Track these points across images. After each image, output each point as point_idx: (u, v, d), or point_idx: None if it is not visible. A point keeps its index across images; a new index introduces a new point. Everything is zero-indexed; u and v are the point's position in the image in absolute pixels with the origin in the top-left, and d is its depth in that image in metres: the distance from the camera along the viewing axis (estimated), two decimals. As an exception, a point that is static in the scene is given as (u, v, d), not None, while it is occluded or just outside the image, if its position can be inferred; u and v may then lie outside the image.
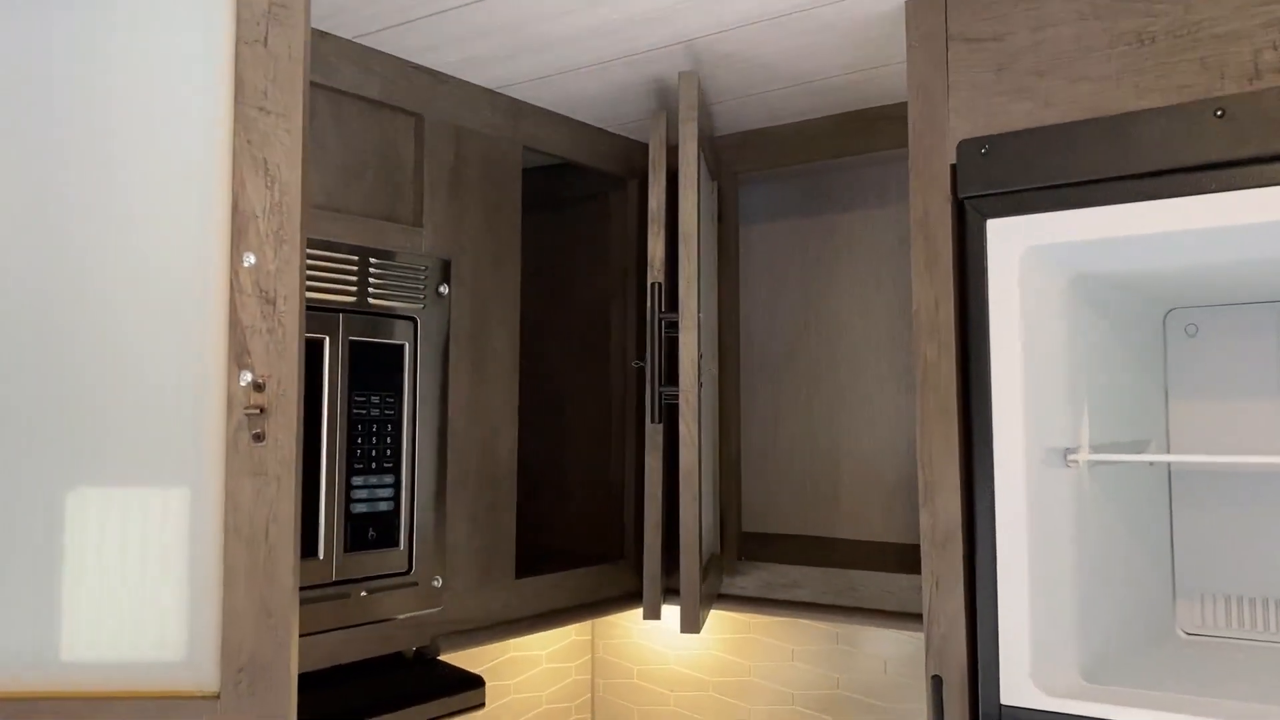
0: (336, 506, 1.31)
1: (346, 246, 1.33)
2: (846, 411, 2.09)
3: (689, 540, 1.34)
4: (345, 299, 1.33)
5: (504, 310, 1.56)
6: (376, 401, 1.37)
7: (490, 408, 1.53)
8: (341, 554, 1.32)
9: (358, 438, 1.34)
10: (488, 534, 1.52)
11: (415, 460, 1.41)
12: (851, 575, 1.65)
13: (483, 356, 1.52)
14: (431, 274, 1.44)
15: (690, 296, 1.34)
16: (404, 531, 1.40)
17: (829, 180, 2.13)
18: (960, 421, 1.20)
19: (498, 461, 1.55)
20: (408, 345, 1.41)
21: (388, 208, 1.41)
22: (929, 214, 1.22)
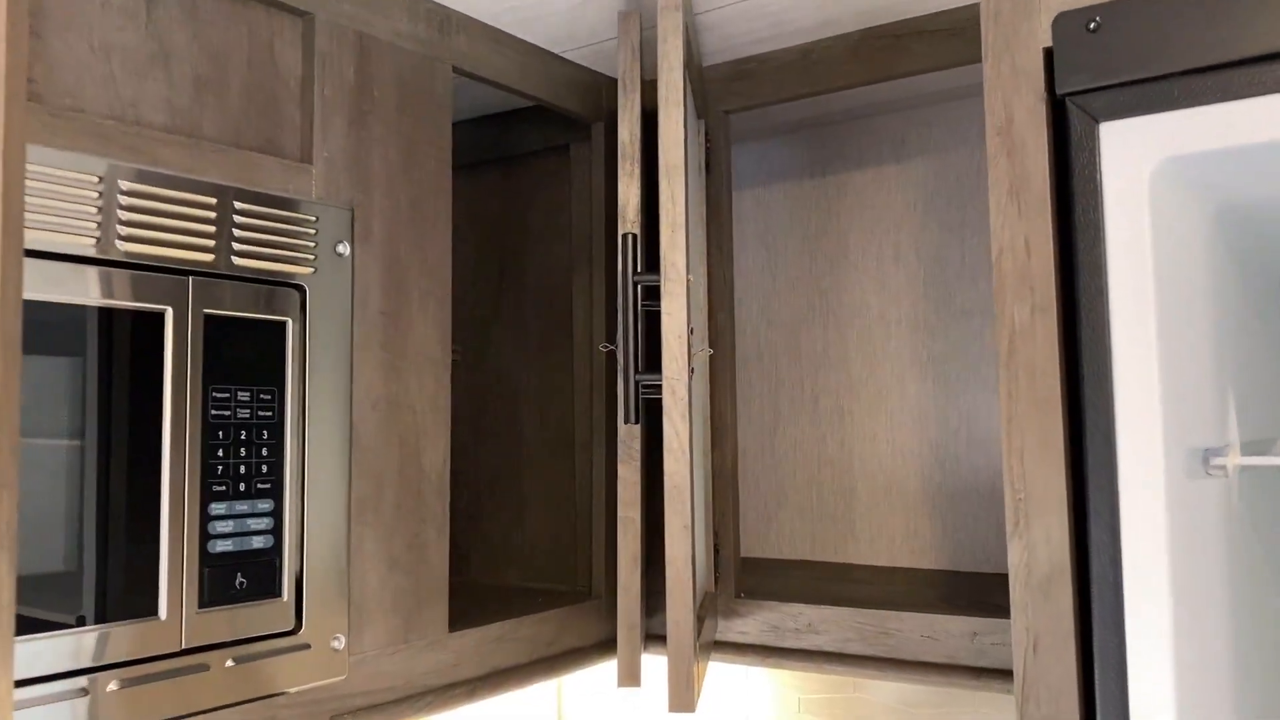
0: (186, 546, 0.94)
1: (199, 184, 0.96)
2: (860, 409, 1.73)
3: (677, 581, 0.97)
4: (198, 257, 0.96)
5: (430, 280, 1.19)
6: (246, 399, 1.00)
7: (413, 407, 1.16)
8: (194, 611, 0.94)
9: (218, 449, 0.97)
10: (410, 574, 1.15)
11: (305, 478, 1.04)
12: (882, 616, 1.28)
13: (401, 339, 1.15)
14: (326, 227, 1.07)
15: (676, 249, 0.98)
16: (288, 576, 1.02)
17: (834, 133, 1.77)
18: (1066, 414, 0.84)
19: (423, 477, 1.17)
20: (292, 323, 1.04)
21: (262, 135, 1.04)
22: (1013, 121, 0.86)
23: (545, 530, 1.57)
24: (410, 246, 1.17)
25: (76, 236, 0.87)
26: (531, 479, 1.59)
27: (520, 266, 1.62)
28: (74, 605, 0.86)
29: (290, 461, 1.03)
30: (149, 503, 0.92)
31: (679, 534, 0.96)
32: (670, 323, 0.97)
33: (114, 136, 0.90)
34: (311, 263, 1.06)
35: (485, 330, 1.65)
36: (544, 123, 1.58)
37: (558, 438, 1.56)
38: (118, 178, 0.90)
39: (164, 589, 0.92)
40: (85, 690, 0.86)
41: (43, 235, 0.85)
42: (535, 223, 1.61)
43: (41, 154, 0.85)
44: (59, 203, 0.86)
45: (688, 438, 0.96)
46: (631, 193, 1.09)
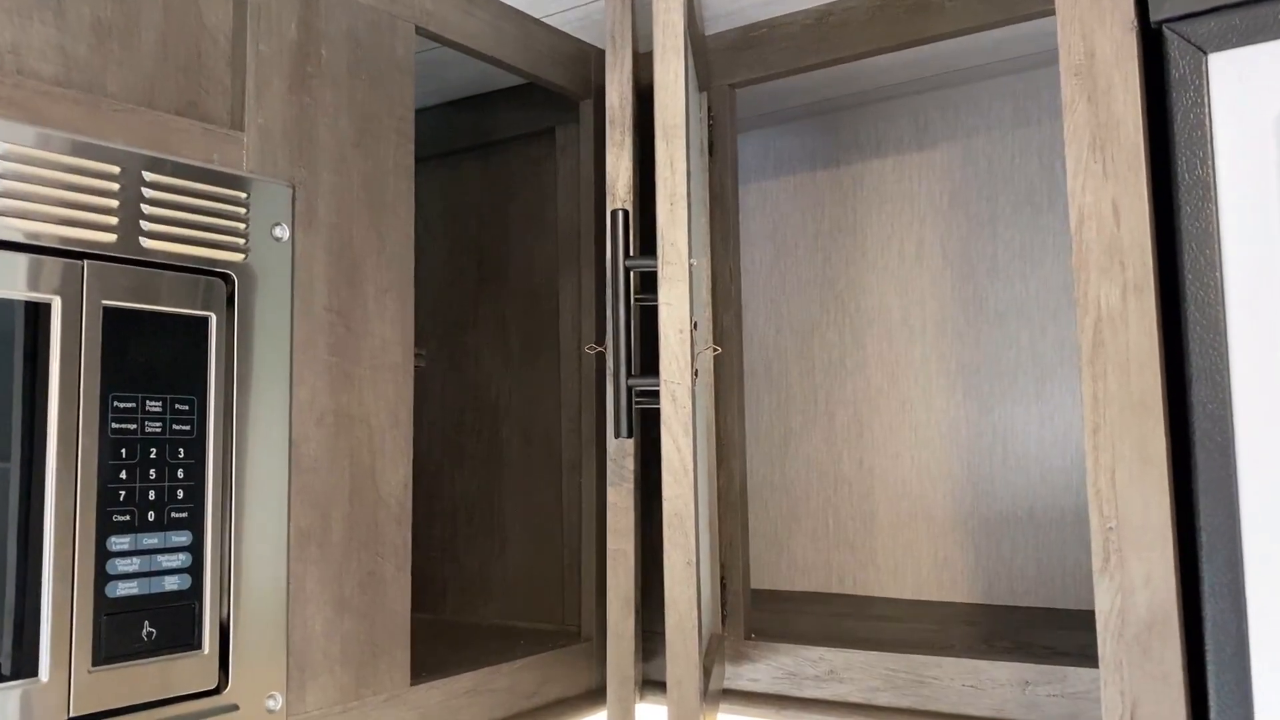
0: (76, 589, 0.76)
1: (98, 149, 0.79)
2: (881, 424, 1.56)
3: (679, 630, 0.79)
4: (96, 237, 0.79)
5: (389, 272, 1.02)
6: (158, 410, 0.82)
7: (367, 421, 0.99)
8: (86, 670, 0.77)
9: (120, 470, 0.79)
10: (363, 617, 0.97)
11: (232, 506, 0.87)
12: (917, 662, 1.11)
13: (354, 341, 0.98)
14: (259, 206, 0.90)
15: (676, 226, 0.81)
16: (211, 622, 0.85)
17: (849, 118, 1.61)
18: (1169, 420, 0.67)
19: (380, 503, 1.00)
20: (216, 319, 0.87)
21: (182, 96, 0.87)
22: (1094, 58, 0.70)
23: (529, 562, 1.39)
24: (364, 232, 1.00)
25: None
26: (514, 503, 1.41)
27: (501, 264, 1.45)
28: (-79, 668, 0.69)
29: (213, 485, 0.85)
30: (28, 536, 0.74)
31: (682, 571, 0.78)
32: (670, 315, 0.80)
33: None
34: (241, 248, 0.89)
35: (461, 334, 1.48)
36: (526, 103, 1.42)
37: (543, 456, 1.39)
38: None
39: (46, 643, 0.75)
40: (-64, 775, 0.69)
41: (-116, 203, 0.68)
42: (517, 215, 1.44)
43: (-116, 102, 0.68)
44: (-93, 164, 0.69)
45: (691, 454, 0.79)
46: (623, 164, 0.92)
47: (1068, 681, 1.03)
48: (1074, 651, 1.10)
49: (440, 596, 1.47)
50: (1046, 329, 1.44)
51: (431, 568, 1.48)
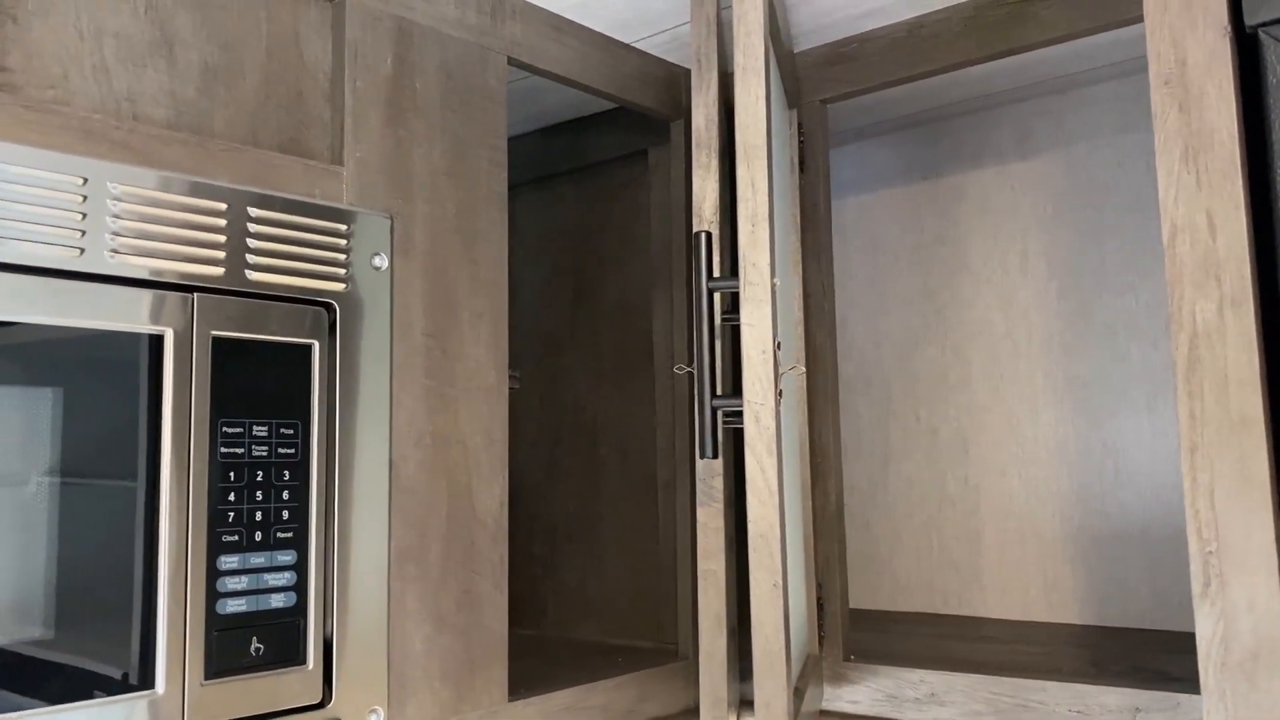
0: (189, 606, 0.80)
1: (206, 188, 0.83)
2: (986, 440, 1.53)
3: (766, 652, 0.79)
4: (205, 271, 0.83)
5: (482, 297, 1.05)
6: (264, 435, 0.86)
7: (464, 442, 1.02)
8: (199, 683, 0.81)
9: (229, 493, 0.83)
10: (462, 634, 1.00)
11: (334, 526, 0.90)
12: (1021, 686, 1.08)
13: (449, 365, 1.01)
14: (360, 237, 0.94)
15: (758, 247, 0.81)
16: (315, 639, 0.88)
17: (947, 128, 1.59)
18: (1272, 438, 0.64)
19: (476, 522, 1.02)
20: (319, 346, 0.90)
21: (284, 133, 0.92)
22: (1186, 65, 0.67)
23: (626, 579, 1.40)
24: (459, 259, 1.03)
25: (55, 247, 0.75)
26: (611, 521, 1.43)
27: (596, 285, 1.47)
28: (49, 680, 0.73)
29: (317, 506, 0.89)
30: (145, 556, 0.79)
31: (768, 593, 0.78)
32: (752, 335, 0.80)
33: (104, 133, 0.79)
34: (342, 278, 0.92)
35: (558, 356, 1.50)
36: (619, 127, 1.44)
37: (639, 475, 1.40)
38: (106, 180, 0.78)
39: (162, 657, 0.79)
40: (63, 780, 0.73)
41: (14, 245, 0.73)
42: (611, 237, 1.46)
43: (13, 152, 0.73)
44: (35, 208, 0.74)
45: (776, 475, 0.79)
46: (709, 186, 0.93)
47: (1180, 709, 0.99)
48: (1188, 677, 1.06)
49: (541, 613, 1.49)
50: (1158, 341, 1.39)
51: (532, 584, 1.51)
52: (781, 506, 0.80)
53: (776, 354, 0.81)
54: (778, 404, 0.80)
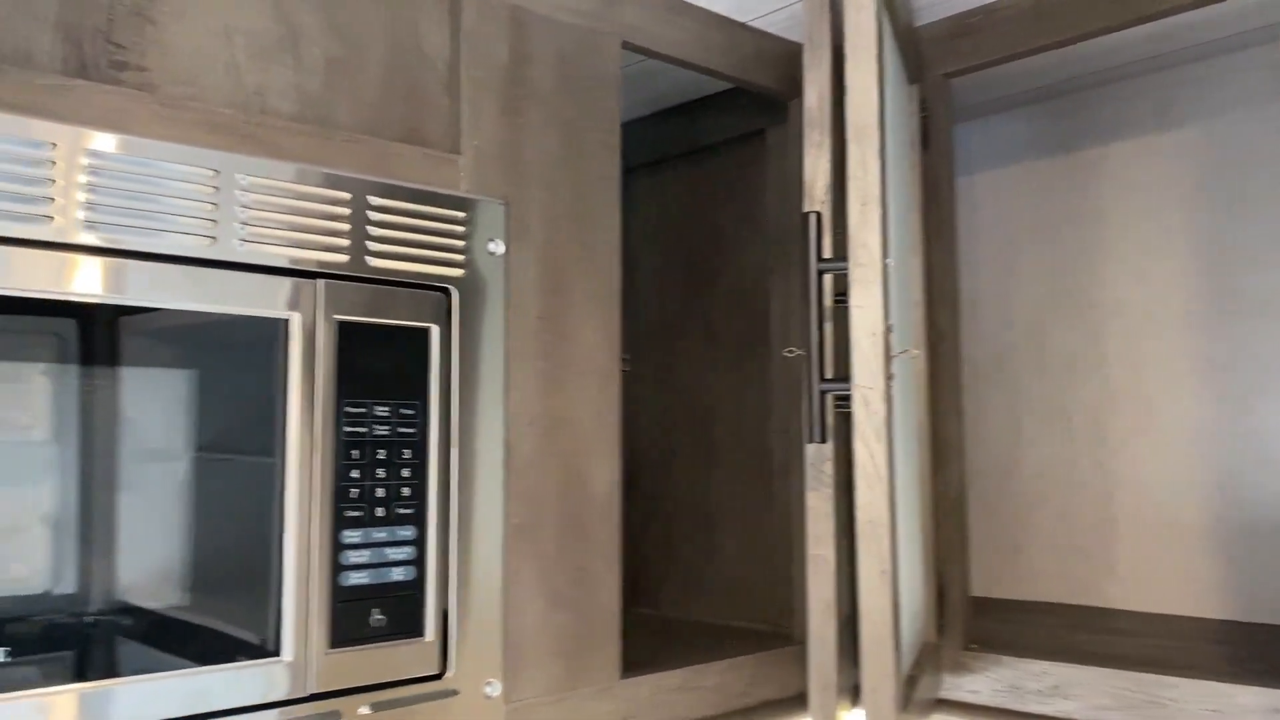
0: (314, 577, 0.84)
1: (330, 178, 0.87)
2: (1122, 425, 1.47)
3: (873, 637, 0.78)
4: (329, 258, 0.86)
5: (595, 281, 1.06)
6: (385, 415, 0.89)
7: (576, 425, 1.03)
8: (323, 651, 0.85)
9: (351, 470, 0.87)
10: (575, 611, 1.02)
11: (450, 502, 0.93)
12: (1150, 681, 1.04)
13: (563, 348, 1.03)
14: (475, 224, 0.96)
15: (868, 228, 0.80)
16: (433, 612, 0.91)
17: (1083, 100, 1.52)
18: None
19: (589, 502, 1.04)
20: (436, 330, 0.93)
21: (403, 123, 0.94)
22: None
23: (742, 562, 1.40)
24: (573, 244, 1.04)
25: (190, 237, 0.79)
26: (726, 504, 1.43)
27: (711, 268, 1.47)
28: (180, 644, 0.78)
29: (435, 484, 0.92)
30: (270, 530, 0.83)
31: (875, 580, 0.77)
32: (862, 318, 0.79)
33: (234, 127, 0.83)
34: (460, 263, 0.95)
35: (673, 339, 1.51)
36: (736, 107, 1.43)
37: (754, 458, 1.39)
38: (235, 171, 0.81)
39: (288, 626, 0.83)
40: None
41: (155, 236, 0.77)
42: (728, 219, 1.45)
43: (151, 148, 0.77)
44: (171, 199, 0.78)
45: (885, 460, 0.77)
46: (820, 166, 0.92)
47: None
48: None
49: (658, 593, 1.51)
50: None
51: (649, 565, 1.52)
52: (891, 493, 0.79)
53: (888, 337, 0.79)
54: (888, 388, 0.79)
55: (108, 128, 0.76)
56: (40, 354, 0.74)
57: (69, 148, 0.74)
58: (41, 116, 0.73)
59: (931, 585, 1.16)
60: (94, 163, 0.75)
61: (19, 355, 0.73)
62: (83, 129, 0.74)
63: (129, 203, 0.76)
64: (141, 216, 0.77)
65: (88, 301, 0.75)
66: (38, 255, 0.73)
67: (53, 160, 0.73)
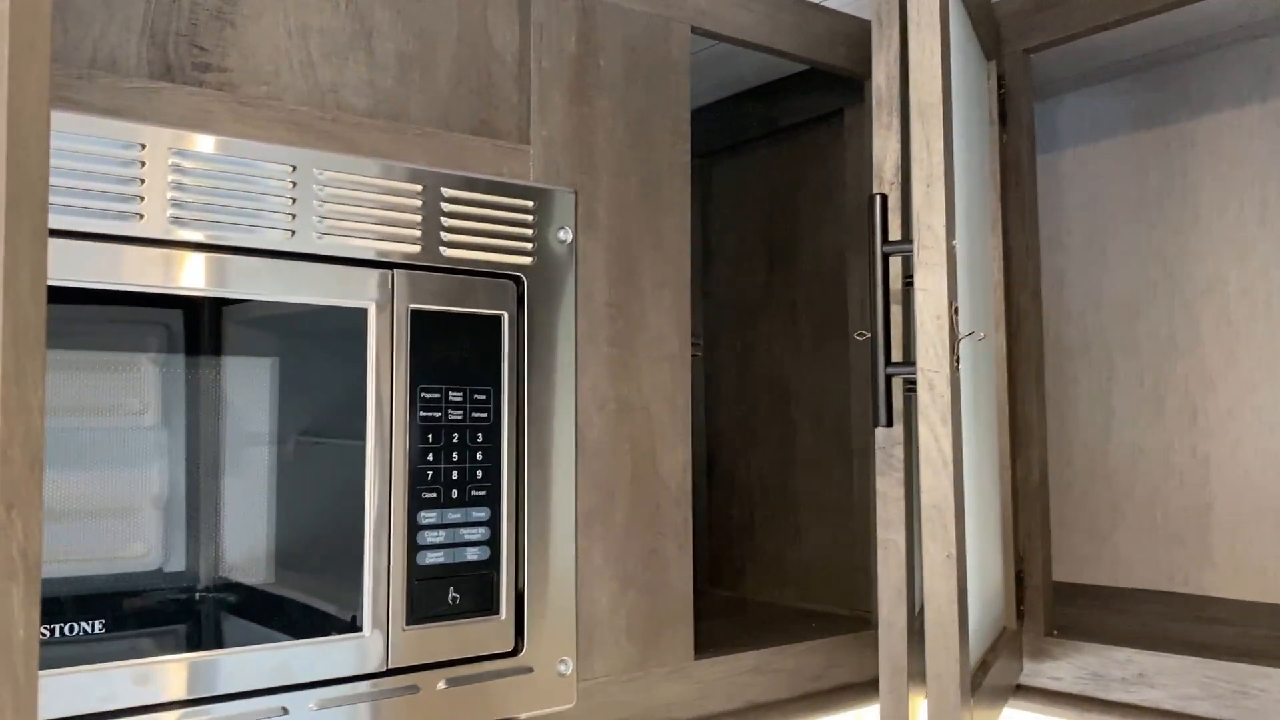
0: (393, 556, 0.88)
1: (403, 171, 0.90)
2: (1218, 408, 1.42)
3: (938, 622, 0.78)
4: (403, 248, 0.89)
5: (665, 267, 1.07)
6: (459, 399, 0.92)
7: (646, 408, 1.05)
8: (402, 628, 0.88)
9: (428, 453, 0.90)
10: (647, 593, 1.03)
11: (525, 486, 0.95)
12: (1241, 671, 1.01)
13: (632, 333, 1.04)
14: (545, 213, 0.98)
15: (933, 209, 0.79)
16: (507, 591, 0.94)
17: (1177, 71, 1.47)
18: None
19: (660, 485, 1.05)
20: (507, 317, 0.95)
21: (474, 116, 0.97)
22: None
23: (823, 545, 1.40)
24: (641, 231, 1.05)
25: (270, 230, 0.83)
26: (807, 488, 1.43)
27: (790, 250, 1.46)
28: (271, 618, 0.82)
29: (508, 467, 0.94)
30: (353, 510, 0.86)
31: (941, 565, 0.77)
32: (926, 300, 0.78)
33: (310, 124, 0.86)
34: (530, 252, 0.97)
35: (753, 322, 1.51)
36: (813, 88, 1.42)
37: (833, 442, 1.39)
38: (313, 167, 0.85)
39: (368, 603, 0.86)
40: (285, 710, 0.82)
41: (238, 230, 0.81)
42: (806, 201, 1.44)
43: (233, 146, 0.81)
44: (253, 194, 0.82)
45: (951, 444, 0.77)
46: (890, 147, 0.91)
47: None
48: None
49: (739, 575, 1.51)
50: None
51: (730, 547, 1.53)
52: (958, 477, 0.78)
53: (954, 319, 0.78)
54: (954, 371, 0.78)
55: (192, 127, 0.80)
56: (145, 343, 0.78)
57: (157, 148, 0.78)
58: (131, 119, 0.77)
59: (1010, 571, 1.15)
60: (179, 161, 0.78)
61: (125, 345, 0.77)
62: (169, 129, 0.78)
63: (212, 199, 0.80)
64: (224, 212, 0.80)
65: (172, 293, 0.79)
66: (129, 250, 0.77)
67: (142, 160, 0.77)
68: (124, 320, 0.77)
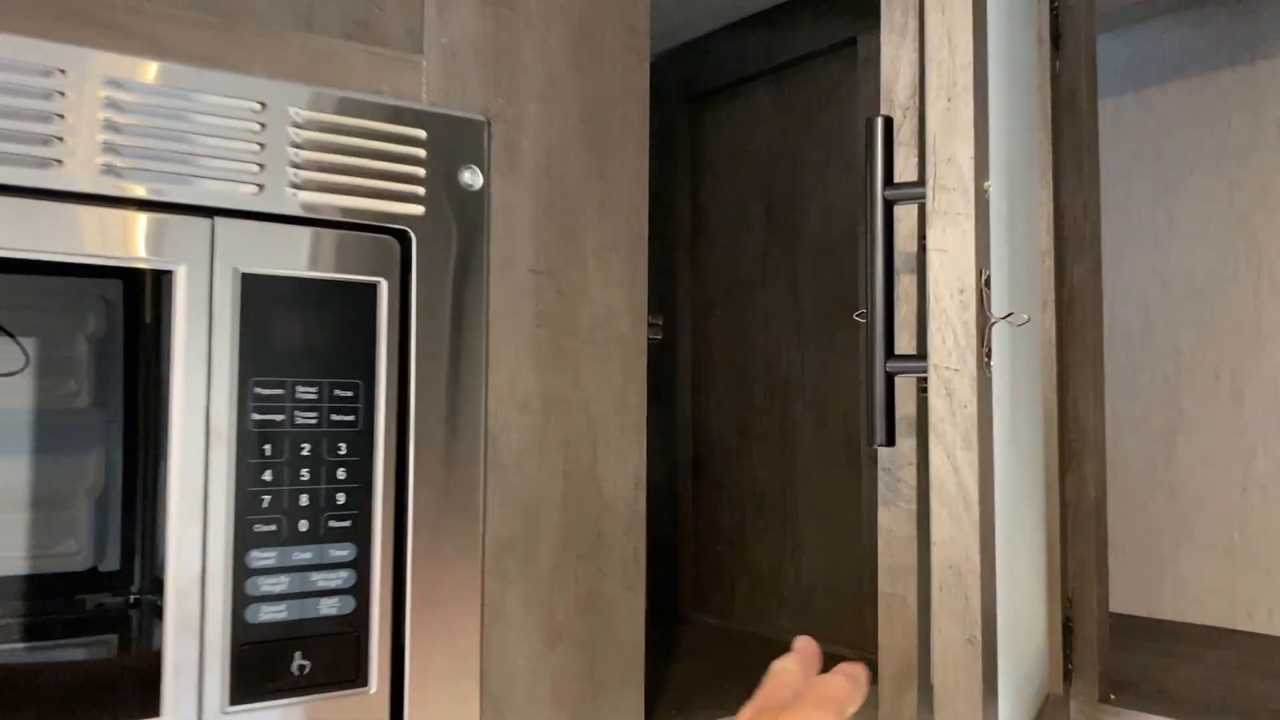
0: (208, 611, 0.64)
1: (235, 84, 0.65)
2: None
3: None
4: (231, 189, 0.65)
5: (615, 225, 0.83)
6: (312, 397, 0.68)
7: (587, 408, 0.80)
8: (221, 709, 0.64)
9: (264, 471, 0.66)
10: (584, 647, 0.80)
11: (405, 510, 0.71)
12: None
13: (568, 310, 0.80)
14: (443, 147, 0.74)
15: (955, 133, 0.54)
16: (380, 654, 0.70)
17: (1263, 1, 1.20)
18: None
19: (605, 506, 0.81)
20: (386, 286, 0.71)
21: (344, 13, 0.72)
22: None
23: (826, 568, 1.16)
24: (583, 175, 0.81)
25: (21, 160, 0.59)
26: (808, 497, 1.18)
27: (794, 210, 1.21)
28: (20, 705, 0.59)
29: (384, 488, 0.71)
30: (147, 548, 0.63)
31: (959, 652, 0.52)
32: (945, 267, 0.53)
33: (94, 13, 0.62)
34: (421, 199, 0.73)
35: (749, 297, 1.26)
36: (822, 12, 1.16)
37: (841, 443, 1.14)
38: (96, 75, 0.61)
39: (170, 677, 0.63)
40: (41, 825, 0.59)
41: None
42: (814, 147, 1.19)
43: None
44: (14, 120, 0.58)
45: (977, 478, 0.52)
46: (903, 58, 0.66)
47: None
48: None
49: (727, 597, 1.27)
50: None
51: (718, 564, 1.29)
52: (986, 524, 0.53)
53: (984, 294, 0.53)
54: (982, 369, 0.53)
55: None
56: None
57: None
58: None
59: (1055, 618, 0.90)
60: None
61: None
62: None
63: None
64: (-51, 132, 0.57)
65: None
66: None
67: None
68: None
